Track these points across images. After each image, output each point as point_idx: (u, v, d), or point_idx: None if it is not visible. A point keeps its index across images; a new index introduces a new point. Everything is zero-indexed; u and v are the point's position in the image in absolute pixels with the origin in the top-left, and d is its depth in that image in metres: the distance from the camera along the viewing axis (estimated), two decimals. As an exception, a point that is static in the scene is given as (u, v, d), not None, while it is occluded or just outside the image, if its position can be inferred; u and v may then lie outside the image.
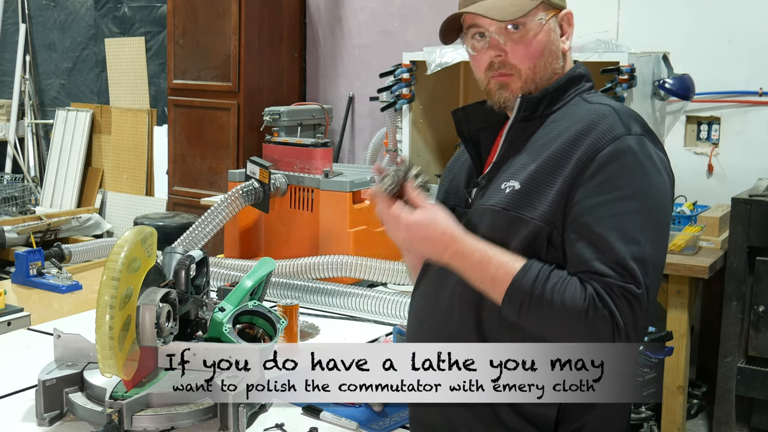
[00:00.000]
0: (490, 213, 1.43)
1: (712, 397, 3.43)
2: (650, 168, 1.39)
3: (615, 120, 1.41)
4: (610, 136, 1.38)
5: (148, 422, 1.56)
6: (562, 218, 1.37)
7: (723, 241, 3.39)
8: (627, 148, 1.37)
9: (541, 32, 1.47)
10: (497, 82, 1.49)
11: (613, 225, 1.33)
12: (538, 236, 1.38)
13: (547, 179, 1.39)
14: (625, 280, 1.30)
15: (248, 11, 4.70)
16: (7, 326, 2.35)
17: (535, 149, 1.45)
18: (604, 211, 1.34)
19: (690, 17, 3.91)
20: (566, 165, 1.39)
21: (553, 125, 1.47)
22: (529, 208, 1.39)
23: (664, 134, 3.80)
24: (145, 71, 5.96)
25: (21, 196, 6.27)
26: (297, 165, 2.93)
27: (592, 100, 1.49)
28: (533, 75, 1.48)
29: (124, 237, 1.55)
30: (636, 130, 1.41)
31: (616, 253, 1.31)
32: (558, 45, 1.50)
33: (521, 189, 1.41)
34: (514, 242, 1.39)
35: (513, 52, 1.47)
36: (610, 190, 1.35)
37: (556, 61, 1.50)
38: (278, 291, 2.53)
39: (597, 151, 1.37)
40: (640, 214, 1.35)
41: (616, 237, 1.32)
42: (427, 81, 3.83)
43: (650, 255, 1.34)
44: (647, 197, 1.37)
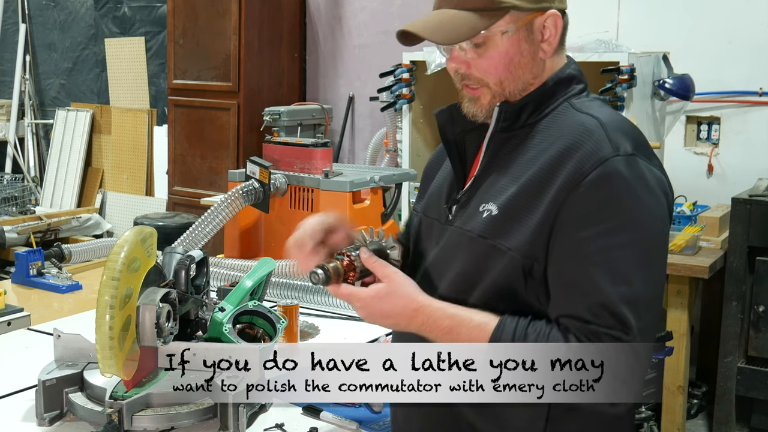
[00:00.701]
0: (467, 240, 1.34)
1: (712, 397, 3.43)
2: (642, 191, 1.26)
3: (601, 138, 1.27)
4: (595, 158, 1.25)
5: (148, 422, 1.56)
6: (544, 251, 1.27)
7: (723, 241, 3.39)
8: (615, 172, 1.24)
9: (506, 44, 1.32)
10: (467, 94, 1.38)
11: (600, 262, 1.22)
12: (515, 269, 1.28)
13: (527, 206, 1.28)
14: (613, 327, 1.21)
15: (248, 11, 4.70)
16: (7, 326, 2.35)
17: (518, 167, 1.33)
18: (591, 246, 1.23)
19: (690, 17, 3.91)
20: (548, 191, 1.26)
21: (537, 138, 1.34)
22: (506, 236, 1.29)
23: (664, 134, 3.80)
24: (145, 71, 5.96)
25: (21, 196, 6.27)
26: (297, 165, 2.93)
27: (580, 108, 1.35)
28: (501, 89, 1.35)
29: (124, 237, 1.55)
30: (626, 148, 1.27)
31: (603, 295, 1.21)
32: (532, 54, 1.35)
33: (498, 215, 1.31)
34: (490, 273, 1.31)
35: (476, 65, 1.34)
36: (597, 222, 1.23)
37: (528, 72, 1.35)
38: (278, 291, 2.53)
39: (582, 176, 1.24)
40: (631, 247, 1.23)
41: (604, 276, 1.22)
42: (427, 81, 3.83)
43: (642, 294, 1.23)
44: (638, 227, 1.24)
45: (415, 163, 3.93)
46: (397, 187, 3.09)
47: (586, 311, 1.22)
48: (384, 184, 2.94)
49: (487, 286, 1.32)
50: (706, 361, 3.74)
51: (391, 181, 3.01)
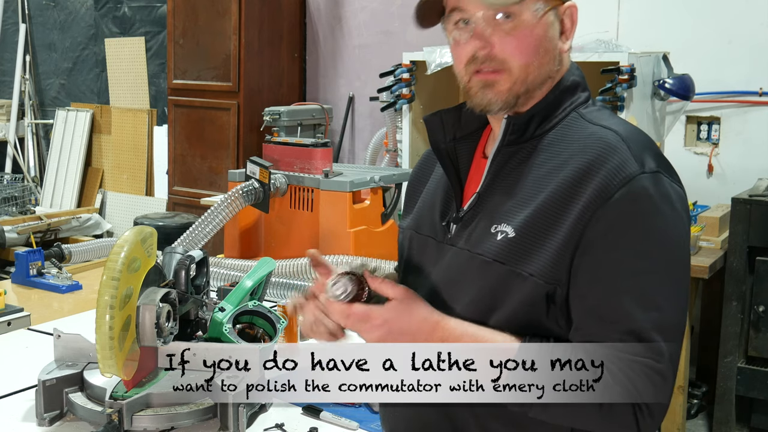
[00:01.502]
0: (480, 264, 1.27)
1: (712, 397, 3.43)
2: (668, 211, 1.20)
3: (626, 154, 1.21)
4: (622, 176, 1.18)
5: (148, 422, 1.56)
6: (567, 274, 1.20)
7: (723, 241, 3.39)
8: (642, 191, 1.18)
9: (537, 25, 1.25)
10: (480, 80, 1.28)
11: (629, 288, 1.17)
12: (537, 295, 1.22)
13: (548, 227, 1.21)
14: (644, 355, 1.17)
15: (248, 11, 4.70)
16: (7, 326, 2.35)
17: (529, 185, 1.26)
18: (619, 271, 1.18)
19: (690, 17, 3.91)
20: (570, 211, 1.20)
21: (547, 152, 1.28)
22: (526, 261, 1.22)
23: (664, 134, 3.80)
24: (145, 71, 5.96)
25: (21, 196, 6.27)
26: (297, 165, 2.93)
27: (591, 120, 1.29)
28: (525, 75, 1.27)
29: (124, 237, 1.55)
30: (650, 165, 1.21)
31: (633, 321, 1.16)
32: (555, 44, 1.29)
33: (516, 237, 1.23)
34: (509, 300, 1.25)
35: (502, 45, 1.25)
36: (625, 245, 1.18)
37: (552, 63, 1.29)
38: (278, 291, 2.53)
39: (608, 195, 1.18)
40: (660, 271, 1.18)
41: (633, 302, 1.17)
42: (427, 81, 3.83)
43: (673, 320, 1.19)
44: (667, 248, 1.19)
45: (414, 163, 3.92)
46: (397, 187, 3.09)
47: (616, 339, 1.18)
48: (384, 184, 2.94)
49: (506, 313, 1.26)
50: (706, 361, 3.74)
51: (391, 181, 3.01)
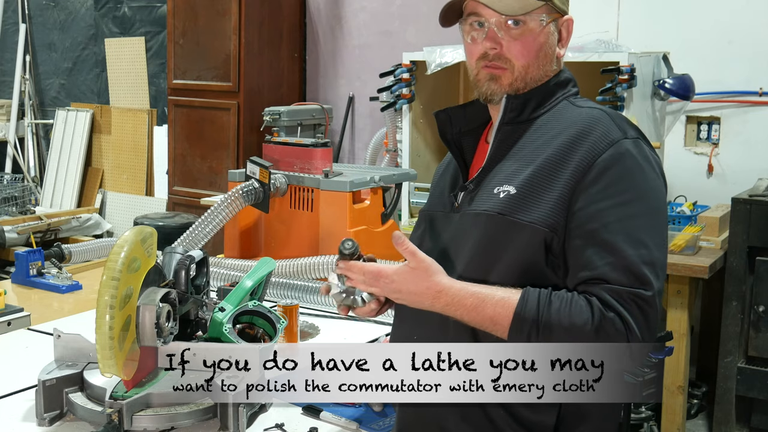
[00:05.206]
0: (485, 218, 1.42)
1: (712, 397, 3.43)
2: (649, 171, 1.40)
3: (610, 124, 1.42)
4: (608, 140, 1.39)
5: (148, 422, 1.56)
6: (563, 224, 1.37)
7: (723, 241, 3.39)
8: (626, 151, 1.39)
9: (540, 33, 1.48)
10: (488, 73, 1.50)
11: (620, 230, 1.34)
12: (536, 241, 1.37)
13: (545, 184, 1.39)
14: (635, 286, 1.31)
15: (248, 11, 4.70)
16: (7, 326, 2.34)
17: (527, 154, 1.45)
18: (610, 216, 1.35)
19: (690, 17, 3.91)
20: (564, 170, 1.39)
21: (542, 129, 1.48)
22: (526, 212, 1.38)
23: (664, 134, 3.80)
24: (145, 71, 5.96)
25: (21, 196, 6.27)
26: (297, 165, 2.92)
27: (580, 104, 1.50)
28: (525, 73, 1.48)
29: (124, 237, 1.55)
30: (631, 133, 1.42)
31: (626, 257, 1.32)
32: (554, 49, 1.51)
33: (517, 194, 1.40)
34: (510, 249, 1.38)
35: (509, 47, 1.47)
36: (614, 194, 1.36)
37: (550, 65, 1.51)
38: (278, 291, 2.53)
39: (596, 155, 1.38)
40: (645, 217, 1.36)
41: (625, 242, 1.33)
42: (427, 81, 3.83)
43: (658, 257, 1.35)
44: (649, 199, 1.38)
45: (415, 163, 3.93)
46: (397, 187, 3.08)
47: (612, 273, 1.32)
48: (384, 184, 2.94)
49: (508, 261, 1.39)
50: (706, 361, 3.74)
51: (391, 181, 3.01)
